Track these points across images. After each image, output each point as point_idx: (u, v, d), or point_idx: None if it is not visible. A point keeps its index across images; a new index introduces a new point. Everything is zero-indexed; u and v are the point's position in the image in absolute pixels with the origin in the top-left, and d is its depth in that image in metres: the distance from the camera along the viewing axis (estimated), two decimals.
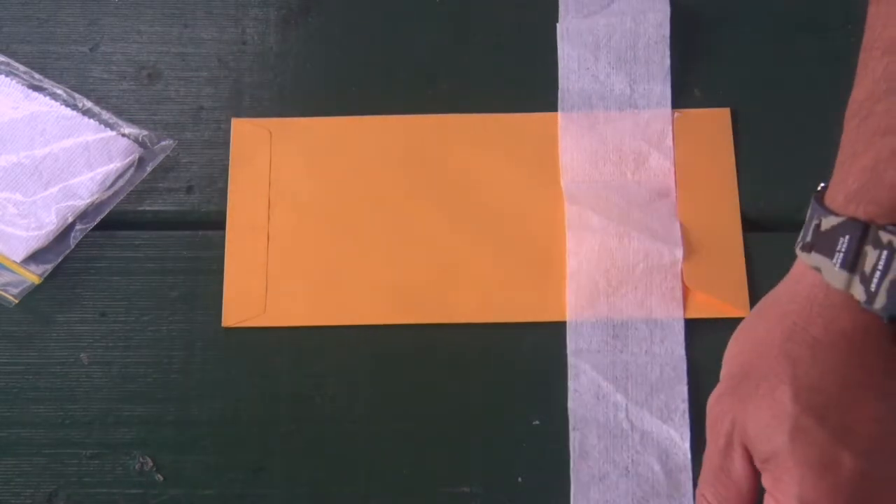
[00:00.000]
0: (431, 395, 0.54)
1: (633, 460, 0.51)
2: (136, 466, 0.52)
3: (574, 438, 0.52)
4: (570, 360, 0.54)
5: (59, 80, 0.60)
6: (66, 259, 0.56)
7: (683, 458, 0.51)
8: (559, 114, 0.58)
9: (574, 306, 0.54)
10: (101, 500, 0.52)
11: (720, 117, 0.58)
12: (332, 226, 0.57)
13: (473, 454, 0.53)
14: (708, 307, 0.54)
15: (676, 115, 0.58)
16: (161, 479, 0.52)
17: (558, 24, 0.60)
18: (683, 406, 0.52)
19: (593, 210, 0.56)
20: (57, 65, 0.61)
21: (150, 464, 0.52)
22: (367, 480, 0.52)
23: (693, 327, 0.54)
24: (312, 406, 0.53)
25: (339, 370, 0.54)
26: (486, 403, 0.53)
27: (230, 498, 0.52)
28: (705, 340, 0.54)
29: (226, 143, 0.59)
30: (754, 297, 0.54)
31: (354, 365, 0.54)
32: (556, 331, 0.54)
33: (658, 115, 0.58)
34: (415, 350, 0.54)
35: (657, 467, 0.51)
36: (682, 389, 0.52)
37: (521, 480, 0.52)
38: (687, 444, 0.51)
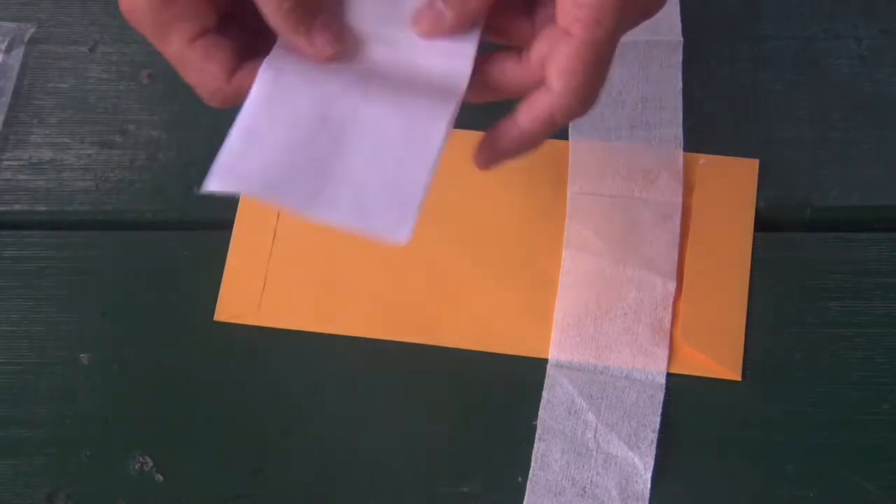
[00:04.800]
0: (431, 395, 0.54)
1: (592, 481, 0.51)
2: (136, 466, 0.52)
3: (538, 448, 0.52)
4: (550, 370, 0.53)
5: (59, 79, 0.60)
6: (65, 258, 0.56)
7: (643, 488, 0.51)
8: (570, 139, 0.58)
9: (561, 323, 0.54)
10: (101, 500, 0.52)
11: (747, 168, 0.57)
12: (340, 233, 0.57)
13: (473, 454, 0.53)
14: (696, 364, 0.54)
15: (702, 161, 0.57)
16: (161, 479, 0.52)
17: None
18: (653, 436, 0.52)
19: (594, 231, 0.56)
20: (57, 65, 0.61)
21: (150, 464, 0.52)
22: (367, 480, 0.52)
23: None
24: (312, 406, 0.53)
25: (339, 370, 0.54)
26: (486, 403, 0.53)
27: (230, 498, 0.52)
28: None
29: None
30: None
31: (354, 364, 0.54)
32: None
33: (670, 134, 0.58)
34: (415, 349, 0.54)
35: (615, 492, 0.51)
36: (655, 420, 0.52)
37: (520, 480, 0.52)
38: (649, 475, 0.51)
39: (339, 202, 0.44)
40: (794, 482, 0.51)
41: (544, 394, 0.53)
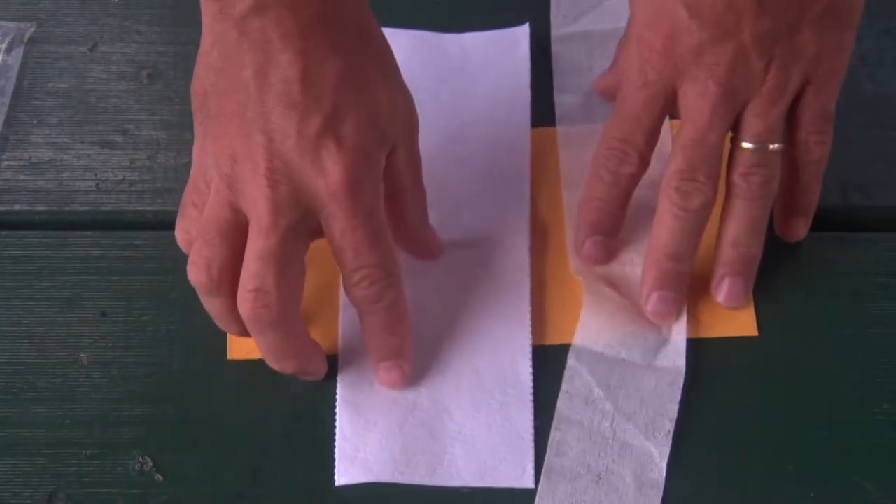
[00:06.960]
0: None
1: (607, 468, 0.51)
2: (136, 466, 0.52)
3: (553, 437, 0.52)
4: (570, 361, 0.53)
5: (59, 79, 0.60)
6: (65, 258, 0.57)
7: (658, 476, 0.51)
8: (558, 126, 0.58)
9: (583, 314, 0.54)
10: (101, 500, 0.52)
11: None
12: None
13: None
14: (712, 326, 0.54)
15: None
16: (161, 479, 0.52)
17: (552, 31, 0.60)
18: (670, 426, 0.52)
19: None
20: (57, 65, 0.61)
21: (150, 464, 0.52)
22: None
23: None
24: (312, 406, 0.53)
25: None
26: None
27: (230, 498, 0.52)
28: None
29: None
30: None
31: None
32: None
33: None
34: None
35: (629, 479, 0.51)
36: (673, 408, 0.52)
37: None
38: (664, 464, 0.51)
39: (459, 469, 0.50)
40: (794, 482, 0.51)
41: (563, 385, 0.53)
